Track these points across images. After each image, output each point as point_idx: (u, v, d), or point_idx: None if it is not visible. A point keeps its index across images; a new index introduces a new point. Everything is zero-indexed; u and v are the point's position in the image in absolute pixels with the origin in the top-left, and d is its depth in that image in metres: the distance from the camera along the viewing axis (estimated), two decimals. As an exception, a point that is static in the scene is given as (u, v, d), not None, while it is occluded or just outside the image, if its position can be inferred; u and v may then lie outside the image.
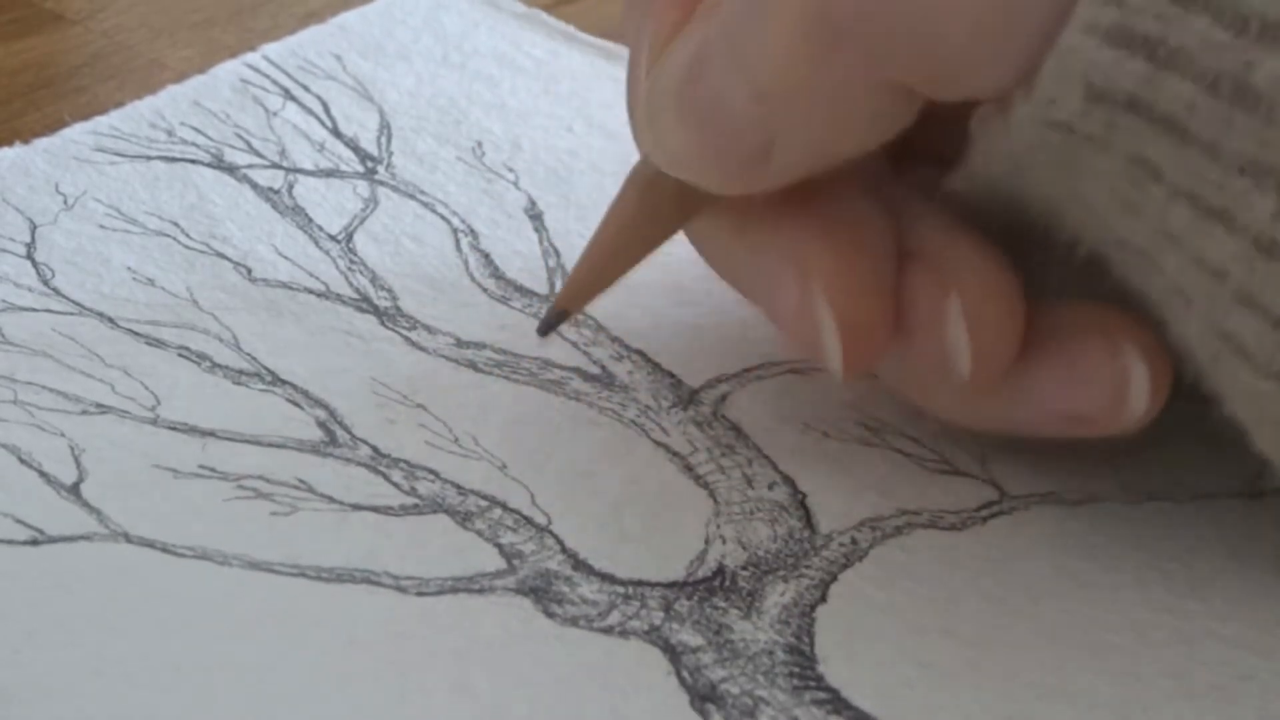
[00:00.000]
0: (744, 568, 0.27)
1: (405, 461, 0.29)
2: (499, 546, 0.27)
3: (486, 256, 0.35)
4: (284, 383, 0.31)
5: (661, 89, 0.26)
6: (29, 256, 0.34)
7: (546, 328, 0.29)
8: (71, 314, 0.32)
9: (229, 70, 0.40)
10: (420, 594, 0.26)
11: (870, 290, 0.26)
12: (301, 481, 0.28)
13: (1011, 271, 0.26)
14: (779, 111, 0.25)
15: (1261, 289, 0.23)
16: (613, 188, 0.36)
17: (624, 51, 0.40)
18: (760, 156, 0.26)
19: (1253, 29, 0.22)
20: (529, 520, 0.28)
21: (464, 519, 0.28)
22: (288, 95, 0.39)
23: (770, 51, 0.25)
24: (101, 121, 0.38)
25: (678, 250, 0.35)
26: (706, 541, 0.28)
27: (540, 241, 0.35)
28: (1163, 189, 0.23)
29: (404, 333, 0.32)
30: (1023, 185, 0.25)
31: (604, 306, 0.33)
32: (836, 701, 0.25)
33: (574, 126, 0.39)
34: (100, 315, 0.32)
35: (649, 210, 0.28)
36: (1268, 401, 0.24)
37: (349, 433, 0.30)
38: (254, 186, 0.36)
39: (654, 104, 0.27)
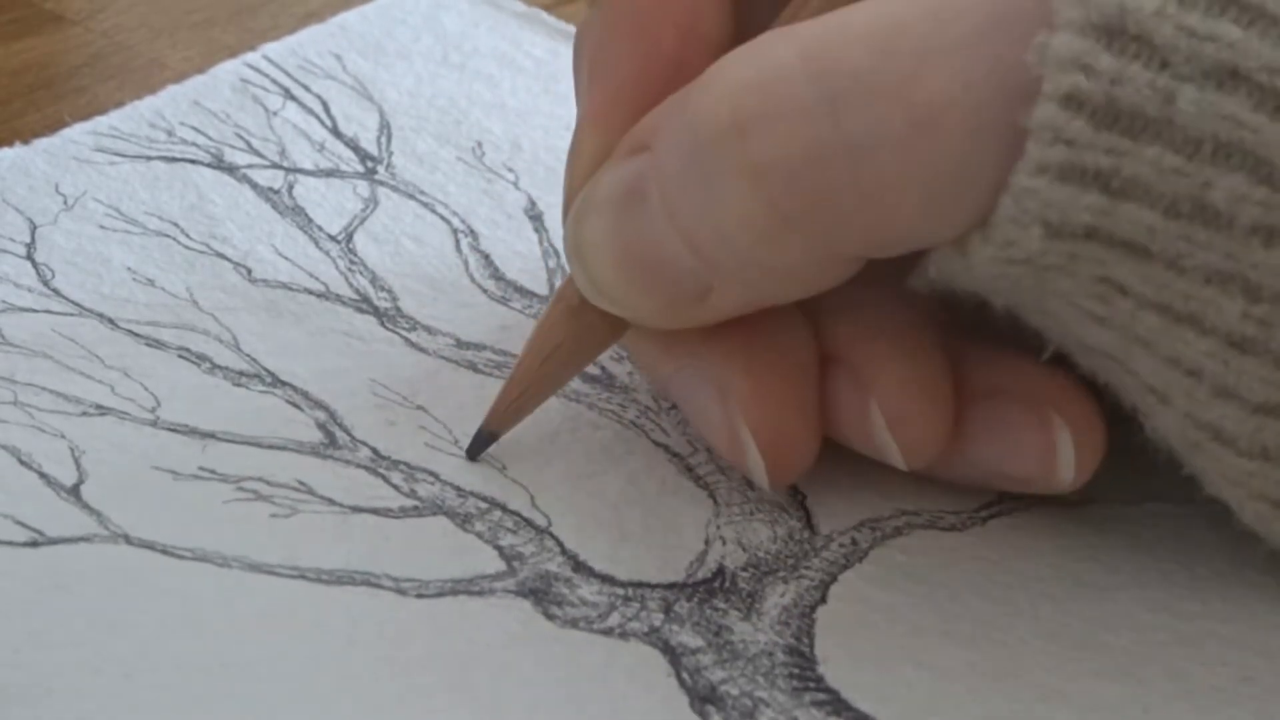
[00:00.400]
0: (744, 569, 0.27)
1: (405, 463, 0.29)
2: (499, 548, 0.27)
3: (486, 257, 0.35)
4: (284, 384, 0.31)
5: (590, 226, 0.26)
6: (29, 257, 0.33)
7: (475, 451, 0.29)
8: (71, 315, 0.32)
9: (229, 70, 0.40)
10: (420, 596, 0.26)
11: (789, 407, 0.27)
12: (301, 483, 0.28)
13: (937, 366, 0.27)
14: (718, 269, 0.25)
15: (1238, 382, 0.23)
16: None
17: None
18: (695, 301, 0.26)
19: (1205, 151, 0.22)
20: (529, 522, 0.28)
21: (464, 521, 0.28)
22: (288, 95, 0.39)
23: (714, 228, 0.25)
24: (101, 121, 0.38)
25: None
26: (706, 542, 0.28)
27: (540, 242, 0.35)
28: (1130, 302, 0.23)
29: (404, 334, 0.32)
30: (983, 295, 0.25)
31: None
32: (836, 703, 0.25)
33: (573, 128, 0.39)
34: (100, 316, 0.32)
35: (576, 334, 0.28)
36: (1252, 480, 0.24)
37: (349, 434, 0.30)
38: (254, 186, 0.36)
39: (581, 238, 0.27)
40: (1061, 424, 0.27)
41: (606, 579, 0.27)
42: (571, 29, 0.42)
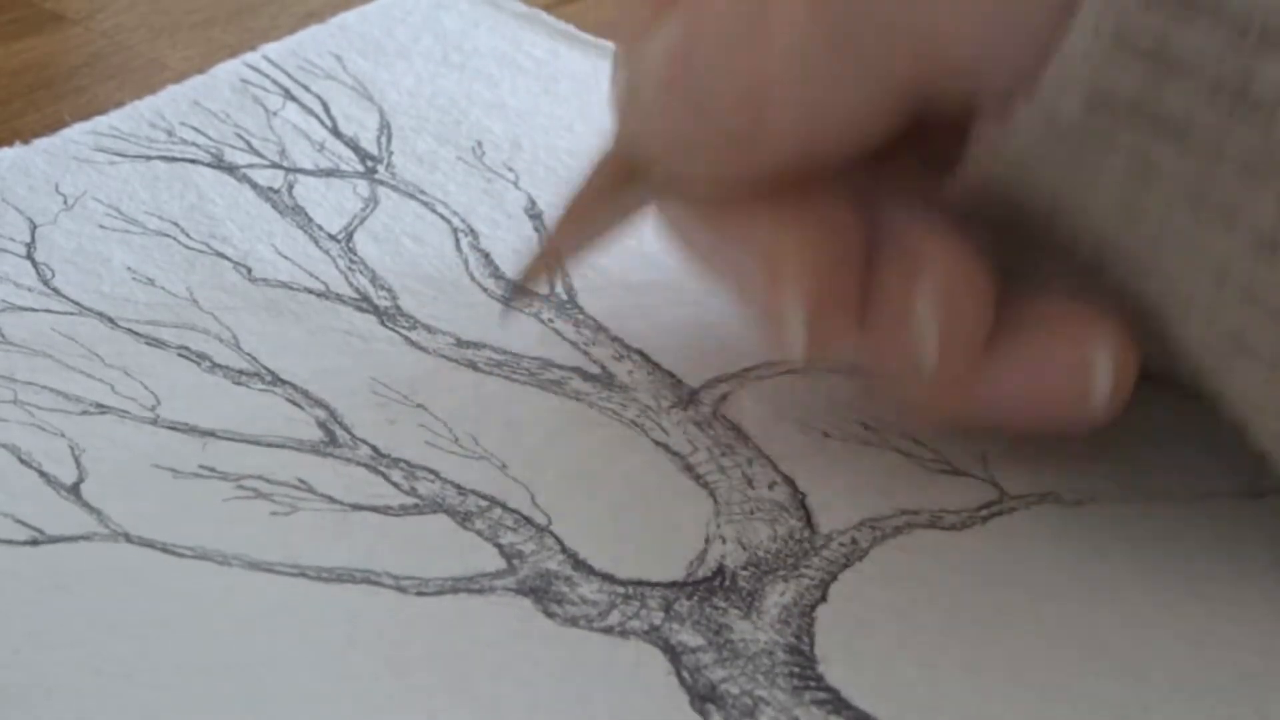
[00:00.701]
0: (744, 568, 0.27)
1: (405, 461, 0.29)
2: (499, 546, 0.27)
3: (486, 256, 0.35)
4: (284, 382, 0.31)
5: (644, 75, 0.26)
6: (29, 256, 0.34)
7: (512, 299, 0.29)
8: (71, 314, 0.32)
9: (229, 70, 0.40)
10: (420, 594, 0.26)
11: (834, 277, 0.26)
12: (301, 481, 0.28)
13: (982, 268, 0.26)
14: (771, 105, 0.25)
15: (1264, 287, 0.23)
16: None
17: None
18: (747, 145, 0.26)
19: (1252, 36, 0.22)
20: (529, 520, 0.28)
21: (464, 519, 0.28)
22: (288, 95, 0.39)
23: (768, 49, 0.25)
24: (101, 121, 0.38)
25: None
26: (706, 541, 0.28)
27: (540, 241, 0.35)
28: (1163, 191, 0.23)
29: (404, 332, 0.32)
30: (1021, 190, 0.25)
31: (604, 306, 0.33)
32: (837, 702, 0.25)
33: (574, 126, 0.39)
34: (100, 315, 0.32)
35: (609, 193, 0.28)
36: (1272, 390, 0.24)
37: (349, 432, 0.30)
38: (254, 186, 0.36)
39: (635, 89, 0.27)
40: (1096, 343, 0.26)
41: (606, 577, 0.27)
42: (571, 29, 0.42)
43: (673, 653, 0.25)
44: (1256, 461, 0.26)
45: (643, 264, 0.34)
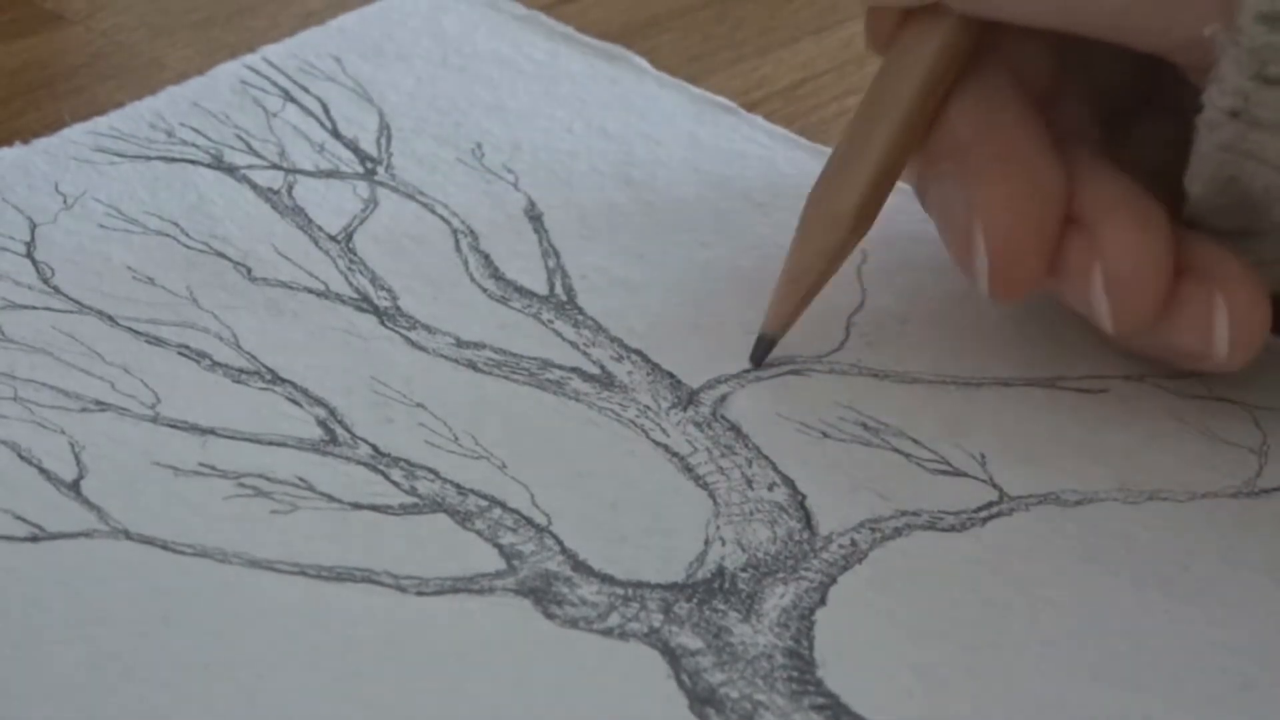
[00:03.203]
0: (743, 569, 0.27)
1: (405, 460, 0.29)
2: (499, 547, 0.27)
3: (486, 257, 0.35)
4: (284, 381, 0.31)
5: None
6: (29, 255, 0.33)
7: (759, 356, 0.32)
8: (71, 312, 0.32)
9: (229, 71, 0.40)
10: (420, 594, 0.26)
11: (1026, 224, 0.29)
12: (301, 480, 0.28)
13: (1163, 242, 0.29)
14: None
15: None
16: (613, 188, 0.37)
17: (622, 53, 0.41)
18: None
19: None
20: (529, 520, 0.28)
21: (464, 519, 0.28)
22: (287, 96, 0.39)
23: None
24: (101, 122, 0.38)
25: (678, 247, 0.35)
26: (706, 543, 0.28)
27: (540, 242, 0.35)
28: None
29: (404, 332, 0.32)
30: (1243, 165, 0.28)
31: (604, 306, 0.33)
32: (836, 707, 0.25)
33: (574, 128, 0.39)
34: (100, 313, 0.32)
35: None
36: None
37: (349, 431, 0.30)
38: (254, 187, 0.36)
39: None
40: (1221, 302, 0.29)
41: (606, 579, 0.27)
42: (570, 30, 0.42)
43: (672, 655, 0.25)
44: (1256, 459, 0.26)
45: (642, 264, 0.34)
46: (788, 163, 0.37)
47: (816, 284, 0.32)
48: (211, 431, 0.29)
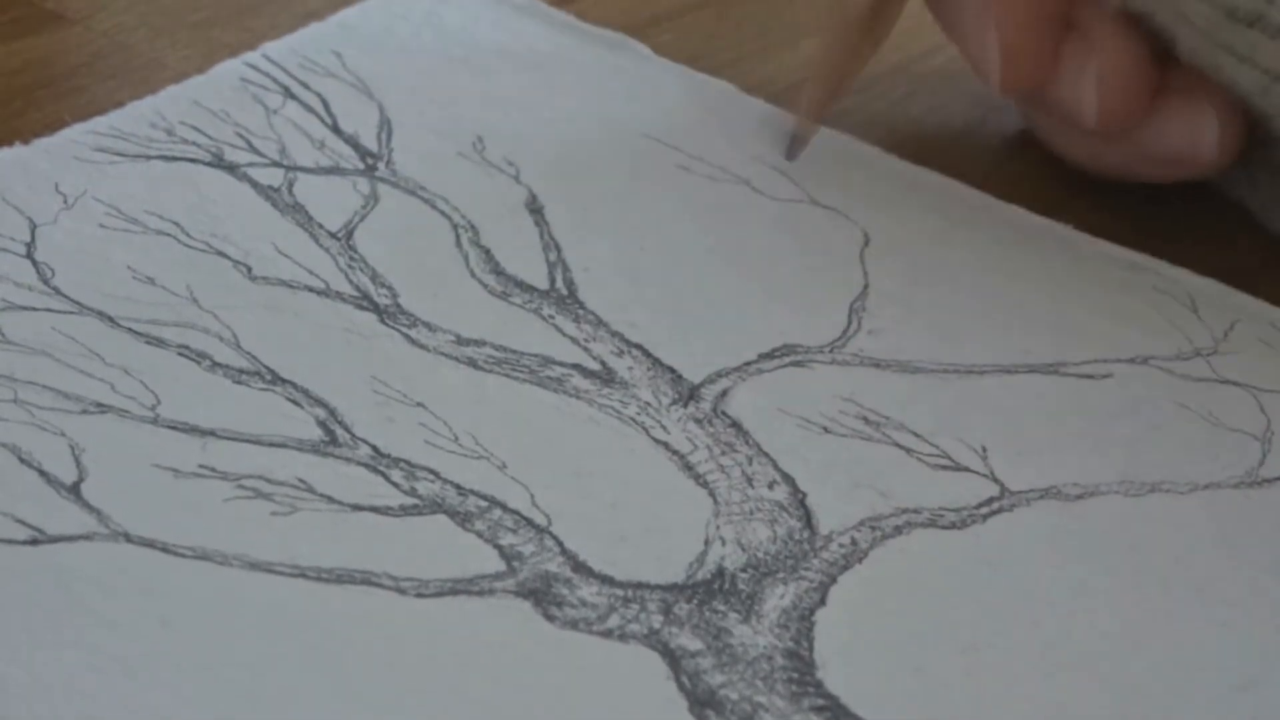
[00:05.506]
0: (743, 570, 0.27)
1: (405, 461, 0.29)
2: (499, 548, 0.27)
3: (487, 252, 0.35)
4: (284, 381, 0.31)
5: None
6: (29, 255, 0.33)
7: (795, 151, 0.37)
8: (71, 313, 0.32)
9: (229, 69, 0.39)
10: (420, 595, 0.26)
11: (1031, 27, 0.35)
12: (301, 481, 0.28)
13: (1146, 53, 0.35)
14: None
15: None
16: (615, 181, 0.36)
17: (625, 41, 0.40)
18: None
19: None
20: (529, 521, 0.28)
21: (464, 520, 0.28)
22: (287, 93, 0.39)
23: None
24: (101, 121, 0.38)
25: (682, 239, 0.35)
26: (706, 543, 0.28)
27: (541, 236, 0.35)
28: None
29: (404, 330, 0.32)
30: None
31: (605, 299, 0.33)
32: (836, 709, 0.25)
33: (575, 120, 0.39)
34: (100, 314, 0.32)
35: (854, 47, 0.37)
36: None
37: (349, 432, 0.30)
38: (254, 185, 0.36)
39: None
40: (1209, 108, 0.34)
41: (606, 580, 0.27)
42: (572, 21, 0.42)
43: (672, 657, 0.25)
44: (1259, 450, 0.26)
45: (645, 256, 0.34)
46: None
47: (841, 65, 0.36)
48: (212, 433, 0.29)
